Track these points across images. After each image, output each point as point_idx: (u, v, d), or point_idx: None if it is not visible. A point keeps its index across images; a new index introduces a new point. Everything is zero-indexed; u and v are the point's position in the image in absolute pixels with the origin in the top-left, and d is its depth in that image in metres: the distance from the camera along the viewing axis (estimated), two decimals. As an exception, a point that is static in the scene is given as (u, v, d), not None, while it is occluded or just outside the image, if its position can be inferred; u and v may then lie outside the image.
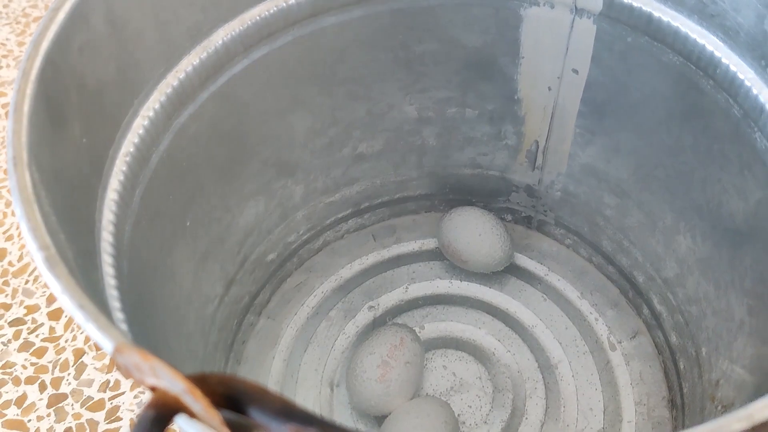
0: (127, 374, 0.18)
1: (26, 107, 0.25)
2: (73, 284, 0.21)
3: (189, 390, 0.16)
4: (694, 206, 0.41)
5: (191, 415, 0.17)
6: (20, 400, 0.54)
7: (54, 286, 0.20)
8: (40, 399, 0.54)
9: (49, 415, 0.53)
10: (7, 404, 0.54)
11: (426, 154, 0.51)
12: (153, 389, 0.17)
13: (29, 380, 0.55)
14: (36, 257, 0.21)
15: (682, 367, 0.46)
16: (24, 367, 0.56)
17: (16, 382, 0.55)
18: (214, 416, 0.17)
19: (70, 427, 0.53)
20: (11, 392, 0.54)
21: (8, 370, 0.56)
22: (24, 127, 0.24)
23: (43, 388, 0.55)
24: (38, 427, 0.53)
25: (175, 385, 0.16)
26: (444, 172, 0.53)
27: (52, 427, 0.53)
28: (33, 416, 0.53)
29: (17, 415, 0.54)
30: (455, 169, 0.53)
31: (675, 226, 0.44)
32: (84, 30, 0.29)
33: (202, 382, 0.17)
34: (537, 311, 0.52)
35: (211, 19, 0.36)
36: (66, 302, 0.20)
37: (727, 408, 0.38)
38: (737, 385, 0.38)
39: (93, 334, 0.19)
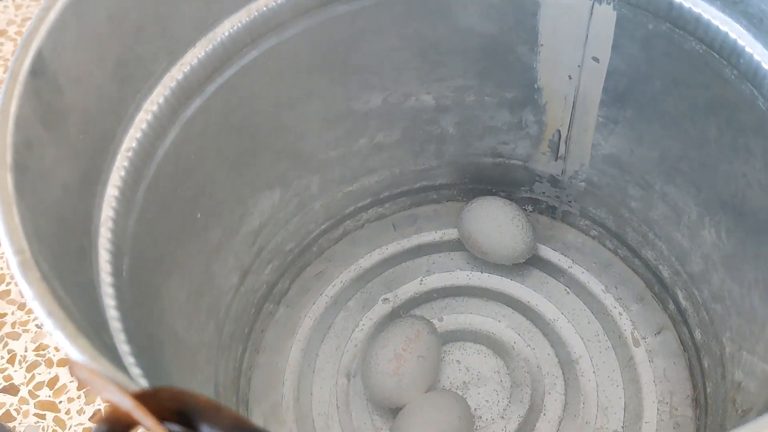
0: (86, 385, 0.18)
1: (13, 109, 0.25)
2: (46, 290, 0.21)
3: (136, 407, 0.16)
4: (718, 201, 0.40)
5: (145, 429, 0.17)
6: (52, 382, 0.56)
7: (26, 291, 0.21)
8: (71, 381, 0.56)
9: (79, 397, 0.55)
10: (39, 385, 0.56)
11: (445, 143, 0.50)
12: (108, 403, 0.17)
13: (61, 362, 0.57)
14: (11, 261, 0.21)
15: (706, 365, 0.44)
16: (57, 349, 0.57)
17: (49, 364, 0.57)
18: (163, 432, 0.16)
19: (99, 409, 0.55)
20: (44, 374, 0.56)
21: (42, 352, 0.57)
22: (9, 128, 0.24)
23: (73, 370, 0.56)
24: (69, 409, 0.55)
25: (123, 401, 0.16)
26: (464, 161, 0.52)
27: (82, 408, 0.55)
28: (64, 398, 0.55)
29: (49, 396, 0.55)
30: (476, 158, 0.51)
31: (700, 221, 0.42)
32: (78, 27, 0.29)
33: (154, 398, 0.17)
34: (559, 304, 0.51)
35: (215, 11, 0.36)
36: (37, 309, 0.20)
37: (746, 413, 0.36)
38: (758, 389, 0.36)
39: (61, 343, 0.20)
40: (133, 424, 0.17)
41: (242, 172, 0.42)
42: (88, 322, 0.23)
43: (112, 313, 0.28)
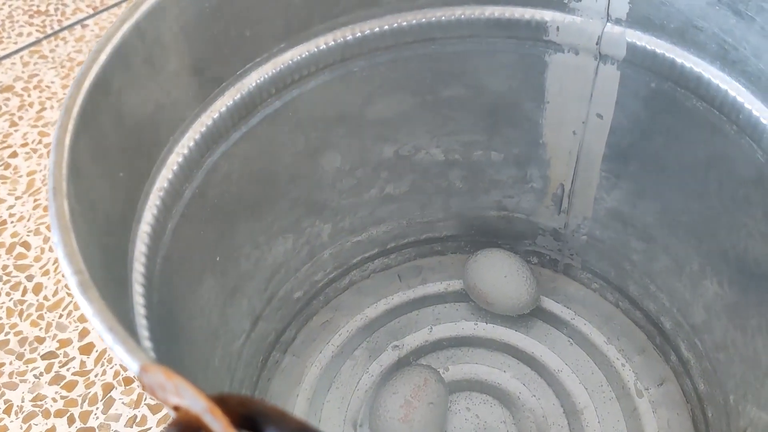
0: (152, 394, 0.19)
1: (67, 141, 0.26)
2: (104, 308, 0.22)
3: (210, 409, 0.17)
4: (720, 251, 0.41)
5: (211, 434, 0.18)
6: (49, 433, 0.55)
7: (86, 308, 0.21)
8: (67, 433, 0.55)
9: (75, 448, 0.54)
10: (36, 437, 0.55)
11: (452, 196, 0.52)
12: (176, 409, 0.18)
13: (59, 413, 0.56)
14: (70, 281, 0.22)
15: (710, 415, 0.45)
16: (54, 400, 0.57)
17: (46, 414, 0.56)
18: (233, 436, 0.17)
19: (94, 460, 0.54)
20: (41, 425, 0.55)
21: (39, 403, 0.57)
22: (65, 159, 0.25)
23: (71, 421, 0.55)
24: (65, 460, 0.54)
25: (197, 403, 0.17)
26: (470, 214, 0.53)
27: (77, 460, 0.54)
28: (60, 449, 0.54)
29: (45, 447, 0.54)
30: (481, 211, 0.53)
31: (702, 271, 0.44)
32: (124, 71, 0.30)
33: (222, 403, 0.18)
34: (563, 356, 0.51)
35: (244, 62, 0.38)
36: (97, 324, 0.21)
37: (755, 457, 0.37)
38: (765, 434, 0.37)
39: (121, 355, 0.20)
40: (202, 429, 0.18)
41: (260, 218, 0.44)
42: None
43: (146, 344, 0.28)
